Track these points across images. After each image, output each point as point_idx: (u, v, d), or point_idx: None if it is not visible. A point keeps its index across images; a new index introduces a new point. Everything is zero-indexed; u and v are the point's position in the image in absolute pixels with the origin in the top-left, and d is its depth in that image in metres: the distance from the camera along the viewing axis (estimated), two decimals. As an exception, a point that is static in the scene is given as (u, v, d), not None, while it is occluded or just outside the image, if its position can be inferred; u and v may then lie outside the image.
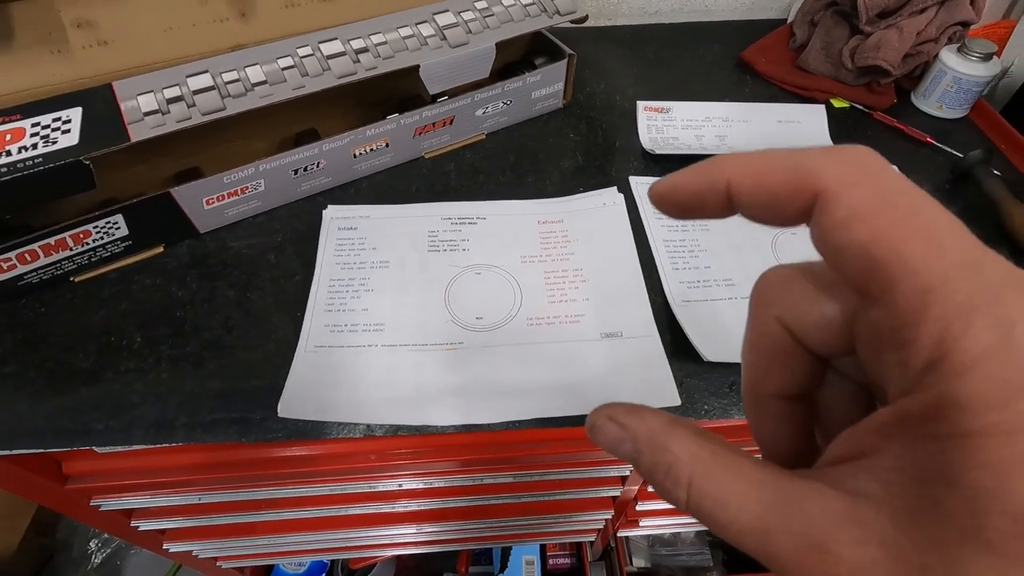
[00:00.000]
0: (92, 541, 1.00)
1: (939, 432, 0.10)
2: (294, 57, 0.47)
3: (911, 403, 0.11)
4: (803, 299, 0.14)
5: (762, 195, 0.13)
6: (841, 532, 0.11)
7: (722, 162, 0.14)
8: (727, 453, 0.13)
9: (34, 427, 0.39)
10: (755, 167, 0.13)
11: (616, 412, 0.15)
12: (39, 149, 0.39)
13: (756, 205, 0.13)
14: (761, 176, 0.13)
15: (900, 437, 0.11)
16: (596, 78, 0.66)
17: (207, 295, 0.46)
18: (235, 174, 0.47)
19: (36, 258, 0.43)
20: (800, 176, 0.12)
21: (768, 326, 0.14)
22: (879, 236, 0.11)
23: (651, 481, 0.13)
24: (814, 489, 0.12)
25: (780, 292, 0.14)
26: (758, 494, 0.12)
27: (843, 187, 0.12)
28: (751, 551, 0.12)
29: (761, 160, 0.13)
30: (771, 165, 0.13)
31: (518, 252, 0.49)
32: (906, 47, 0.59)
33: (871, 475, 0.11)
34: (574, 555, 0.90)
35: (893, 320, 0.11)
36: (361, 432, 0.39)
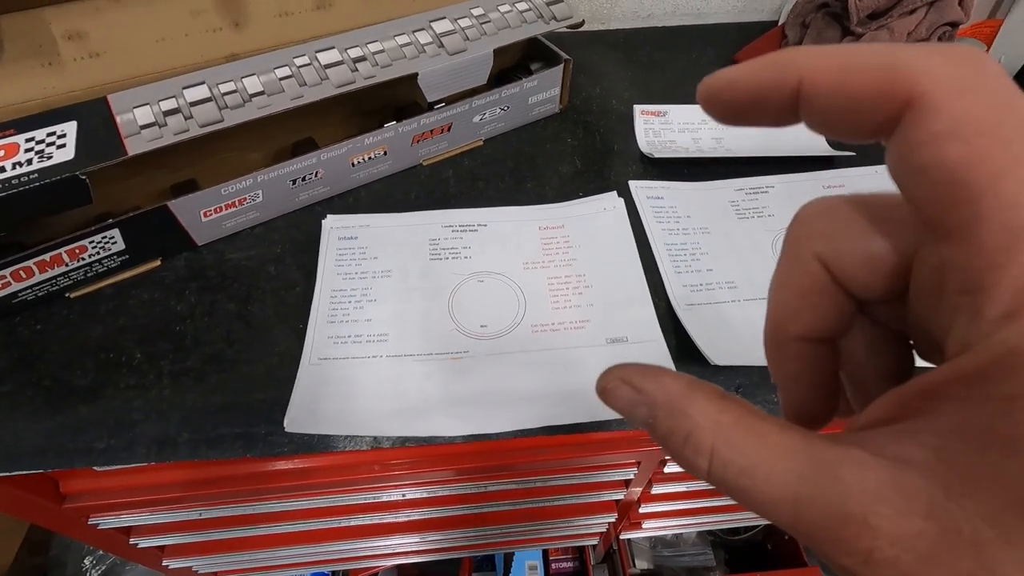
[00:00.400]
0: (87, 559, 0.98)
1: (1008, 392, 0.09)
2: (291, 67, 0.46)
3: (976, 358, 0.10)
4: (849, 233, 0.12)
5: (840, 98, 0.11)
6: (882, 503, 0.10)
7: (794, 56, 0.11)
8: (752, 418, 0.12)
9: (34, 447, 0.38)
10: (838, 62, 0.11)
11: (630, 374, 0.13)
12: (34, 165, 0.38)
13: (831, 111, 0.11)
14: (844, 73, 0.11)
15: (958, 397, 0.10)
16: (591, 82, 0.66)
17: (207, 309, 0.45)
18: (233, 185, 0.46)
19: (31, 275, 0.42)
20: (895, 76, 0.10)
21: (804, 262, 0.13)
22: (979, 159, 0.09)
23: (668, 449, 0.12)
24: (851, 456, 0.10)
25: (823, 224, 0.13)
26: (788, 462, 0.11)
27: (947, 95, 0.10)
28: (780, 523, 0.11)
29: (844, 54, 0.11)
30: (857, 60, 0.11)
31: (520, 259, 0.48)
32: (897, 48, 0.60)
33: (918, 440, 0.10)
34: (577, 559, 0.90)
35: (971, 260, 0.10)
36: (368, 444, 0.39)
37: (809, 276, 0.13)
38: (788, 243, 0.14)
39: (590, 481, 0.56)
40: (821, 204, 0.13)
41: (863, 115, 0.11)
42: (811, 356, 0.14)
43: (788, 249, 0.14)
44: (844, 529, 0.10)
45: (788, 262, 0.14)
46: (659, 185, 0.54)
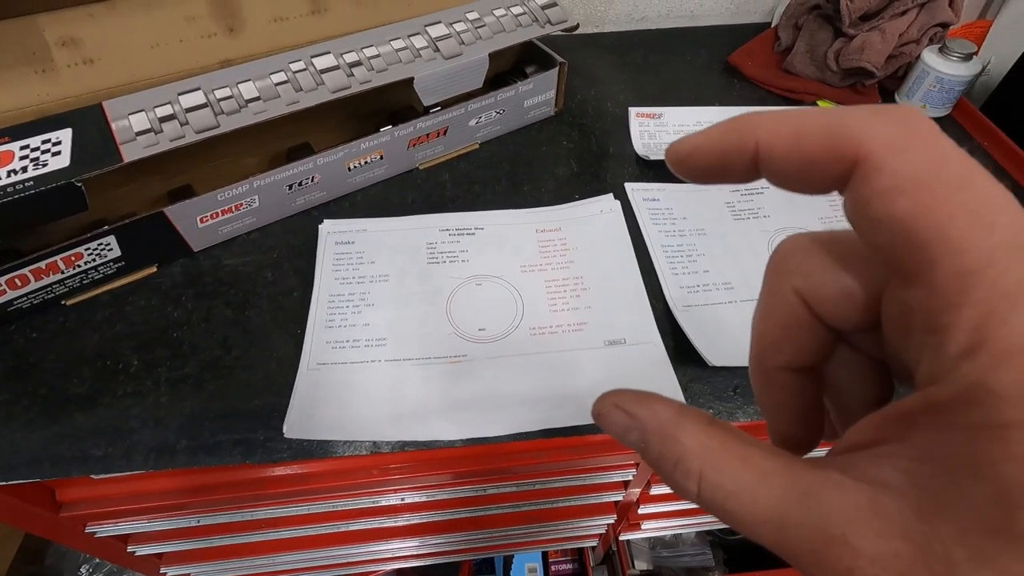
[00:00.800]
0: (83, 567, 0.97)
1: (971, 422, 0.10)
2: (287, 72, 0.46)
3: (942, 390, 0.10)
4: (824, 270, 0.13)
5: (795, 160, 0.12)
6: (861, 524, 0.10)
7: (750, 122, 0.12)
8: (738, 443, 0.12)
9: (30, 456, 0.38)
10: (789, 127, 0.12)
11: (623, 400, 0.14)
12: (29, 172, 0.38)
13: (787, 171, 0.12)
14: (796, 138, 0.12)
15: (928, 425, 0.11)
16: (586, 85, 0.67)
17: (204, 315, 0.45)
18: (229, 191, 0.46)
19: (27, 283, 0.42)
20: (841, 139, 0.11)
21: (784, 296, 0.14)
22: (924, 210, 0.10)
23: (659, 472, 0.13)
24: (831, 479, 0.11)
25: (800, 261, 0.14)
26: (772, 485, 0.11)
27: (889, 153, 0.11)
28: (767, 543, 0.11)
29: (795, 120, 0.12)
30: (807, 126, 0.12)
31: (518, 262, 0.48)
32: (889, 48, 0.61)
33: (893, 464, 0.11)
34: (576, 560, 0.90)
35: (930, 301, 0.10)
36: (367, 449, 0.39)
37: (788, 309, 0.14)
38: (768, 277, 0.15)
39: (589, 483, 0.56)
40: (797, 241, 0.14)
41: (816, 174, 0.12)
42: (794, 384, 0.15)
43: (768, 282, 0.15)
44: (826, 550, 0.10)
45: (768, 295, 0.15)
46: (655, 187, 0.54)
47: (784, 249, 0.14)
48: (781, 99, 0.65)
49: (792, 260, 0.14)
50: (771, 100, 0.65)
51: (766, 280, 0.15)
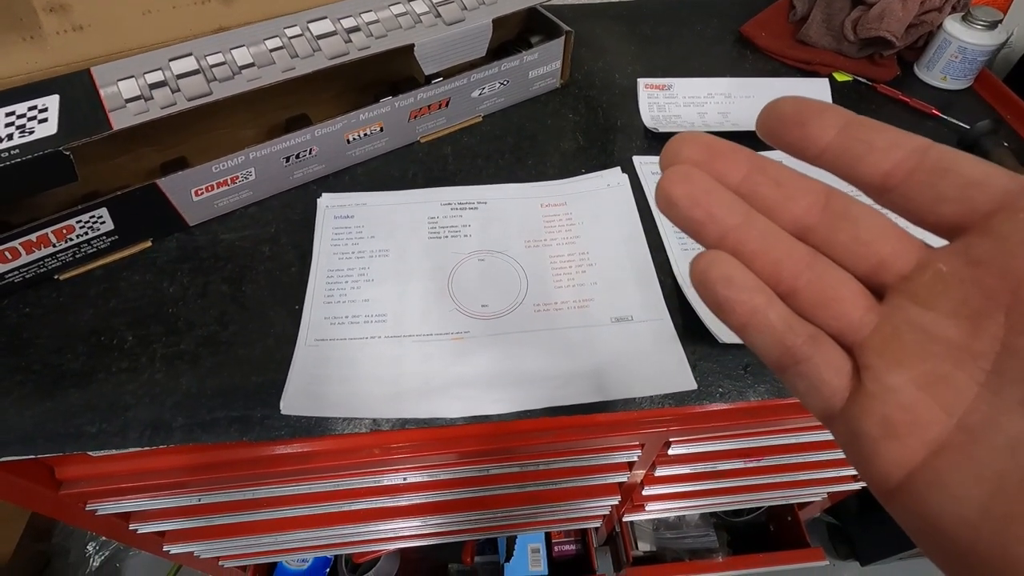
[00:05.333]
0: (89, 544, 0.98)
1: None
2: (282, 38, 0.45)
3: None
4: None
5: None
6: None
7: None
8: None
9: (24, 433, 0.37)
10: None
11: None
12: (15, 140, 0.37)
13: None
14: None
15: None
16: (593, 56, 0.64)
17: (200, 290, 0.44)
18: (224, 163, 0.45)
19: (17, 256, 0.41)
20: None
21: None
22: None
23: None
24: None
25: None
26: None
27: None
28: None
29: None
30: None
31: (522, 237, 0.47)
32: (910, 17, 0.58)
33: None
34: (579, 541, 0.90)
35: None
36: (367, 427, 0.38)
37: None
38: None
39: (593, 463, 0.55)
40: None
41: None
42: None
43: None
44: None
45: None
46: (664, 161, 0.53)
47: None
48: (795, 71, 0.63)
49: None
50: (784, 71, 0.63)
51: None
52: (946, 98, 0.60)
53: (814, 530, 1.01)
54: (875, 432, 0.13)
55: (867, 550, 0.97)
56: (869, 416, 0.13)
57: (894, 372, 0.13)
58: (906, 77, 0.63)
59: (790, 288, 0.14)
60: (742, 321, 0.14)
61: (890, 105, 0.60)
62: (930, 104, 0.58)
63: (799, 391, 0.15)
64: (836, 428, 0.14)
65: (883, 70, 0.62)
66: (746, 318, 0.14)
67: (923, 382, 0.13)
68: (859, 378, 0.14)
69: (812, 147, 0.14)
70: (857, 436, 0.13)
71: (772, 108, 0.15)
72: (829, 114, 0.14)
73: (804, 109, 0.14)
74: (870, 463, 0.13)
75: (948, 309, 0.13)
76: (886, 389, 0.13)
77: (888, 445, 0.13)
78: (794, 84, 0.60)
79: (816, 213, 0.14)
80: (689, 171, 0.15)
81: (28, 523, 0.92)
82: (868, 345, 0.14)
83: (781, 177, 0.15)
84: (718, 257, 0.14)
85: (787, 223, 0.15)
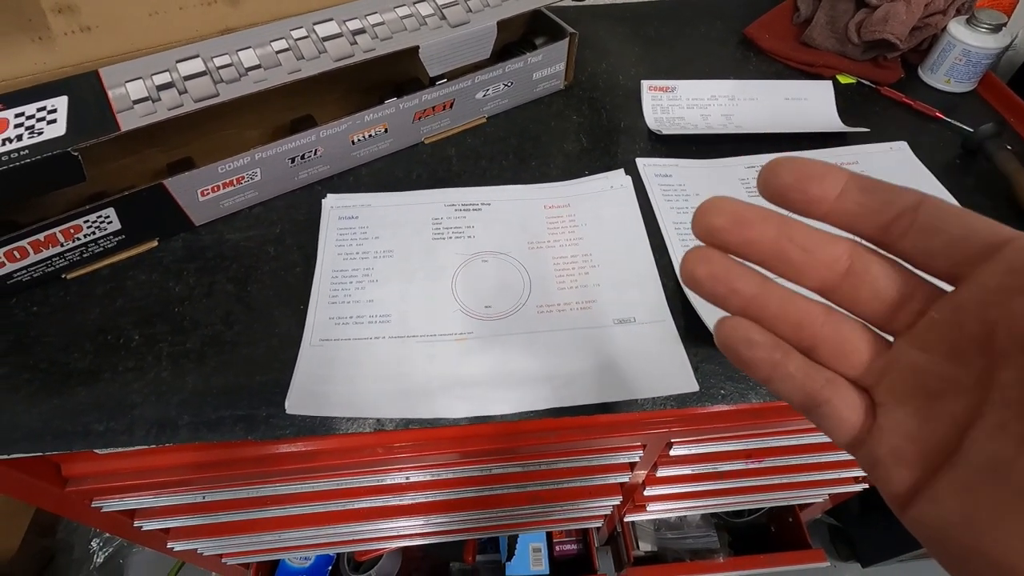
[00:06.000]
0: (93, 540, 0.99)
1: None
2: (288, 40, 0.45)
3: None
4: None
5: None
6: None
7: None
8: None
9: (31, 430, 0.37)
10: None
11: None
12: (24, 141, 0.37)
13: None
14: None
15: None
16: (597, 58, 0.64)
17: (205, 290, 0.44)
18: (230, 163, 0.45)
19: (25, 255, 0.41)
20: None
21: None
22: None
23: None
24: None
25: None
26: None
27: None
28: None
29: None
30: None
31: (525, 238, 0.47)
32: (914, 20, 0.58)
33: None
34: (580, 541, 0.90)
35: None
36: (371, 427, 0.38)
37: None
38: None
39: (595, 464, 0.55)
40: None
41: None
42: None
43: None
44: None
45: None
46: (667, 163, 0.53)
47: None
48: (799, 73, 0.63)
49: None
50: (788, 74, 0.63)
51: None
52: (950, 101, 0.60)
53: (815, 531, 1.01)
54: (888, 460, 0.15)
55: (868, 552, 0.97)
56: (882, 446, 0.15)
57: (900, 408, 0.15)
58: (910, 80, 0.63)
59: (810, 344, 0.16)
60: (766, 375, 0.16)
61: (893, 108, 0.60)
62: (934, 107, 0.58)
63: (824, 428, 0.17)
64: (858, 456, 0.16)
65: (887, 73, 0.62)
66: (768, 372, 0.16)
67: (924, 415, 0.15)
68: (873, 414, 0.16)
69: (818, 209, 0.16)
70: (875, 463, 0.16)
71: (772, 172, 0.16)
72: (830, 177, 0.16)
73: (805, 173, 0.16)
74: (887, 485, 0.15)
75: (942, 351, 0.15)
76: (895, 423, 0.15)
77: (899, 470, 0.15)
78: (798, 87, 0.60)
79: (840, 273, 0.16)
80: (708, 253, 0.17)
81: (33, 519, 0.92)
82: (880, 386, 0.16)
83: (808, 243, 0.16)
84: (738, 323, 0.16)
85: (814, 283, 0.16)
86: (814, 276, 0.16)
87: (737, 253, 0.16)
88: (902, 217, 0.15)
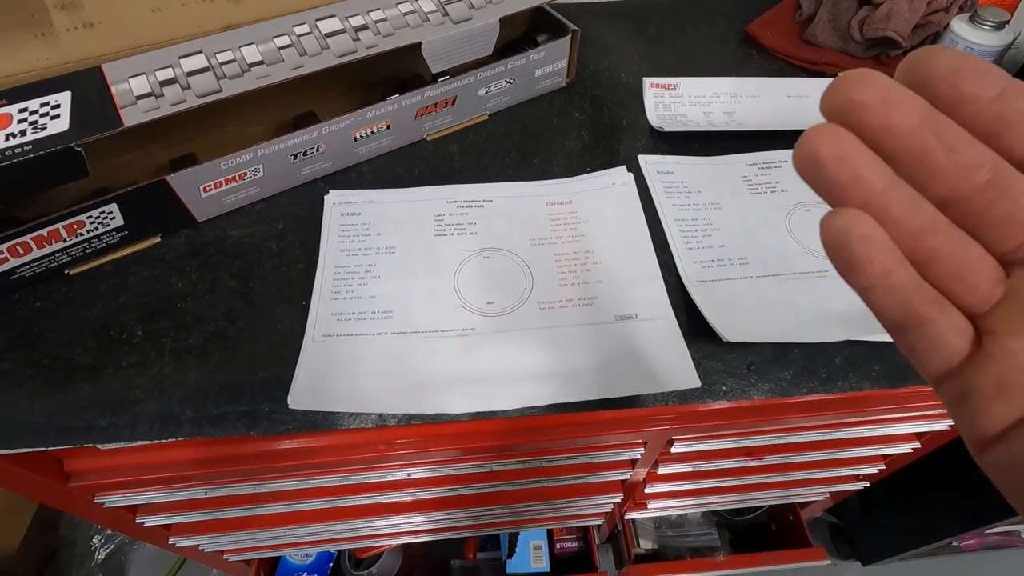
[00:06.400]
0: (95, 537, 0.99)
1: None
2: (291, 36, 0.45)
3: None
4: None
5: None
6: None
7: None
8: None
9: (34, 425, 0.37)
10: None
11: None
12: (27, 136, 0.37)
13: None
14: None
15: None
16: (599, 55, 0.64)
17: (208, 286, 0.44)
18: (233, 159, 0.45)
19: (28, 251, 0.41)
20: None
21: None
22: None
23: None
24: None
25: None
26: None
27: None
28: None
29: None
30: None
31: (527, 235, 0.47)
32: (916, 17, 0.58)
33: None
34: (581, 539, 0.90)
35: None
36: (373, 422, 0.38)
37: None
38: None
39: (596, 461, 0.55)
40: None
41: None
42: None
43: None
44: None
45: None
46: (669, 160, 0.53)
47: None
48: (801, 71, 0.63)
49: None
50: (790, 71, 0.63)
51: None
52: (952, 99, 0.60)
53: (816, 529, 1.01)
54: (988, 390, 0.14)
55: (868, 550, 0.97)
56: (985, 375, 0.14)
57: (1015, 339, 0.14)
58: (912, 77, 0.62)
59: (926, 257, 0.15)
60: (871, 281, 0.15)
61: (896, 105, 0.59)
62: (936, 105, 0.58)
63: (917, 351, 0.15)
64: (946, 387, 0.15)
65: (890, 70, 0.61)
66: (876, 279, 0.15)
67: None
68: (978, 343, 0.15)
69: (963, 110, 0.14)
70: (968, 394, 0.15)
71: (924, 58, 0.14)
72: (988, 77, 0.14)
73: (962, 66, 0.14)
74: (976, 416, 0.15)
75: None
76: (1006, 352, 0.14)
77: (998, 402, 0.14)
78: (801, 84, 0.60)
79: (978, 185, 0.14)
80: (839, 131, 0.14)
81: (35, 515, 0.93)
82: (994, 314, 0.15)
83: (954, 142, 0.14)
84: (857, 216, 0.14)
85: (947, 189, 0.14)
86: (948, 182, 0.14)
87: (870, 139, 0.14)
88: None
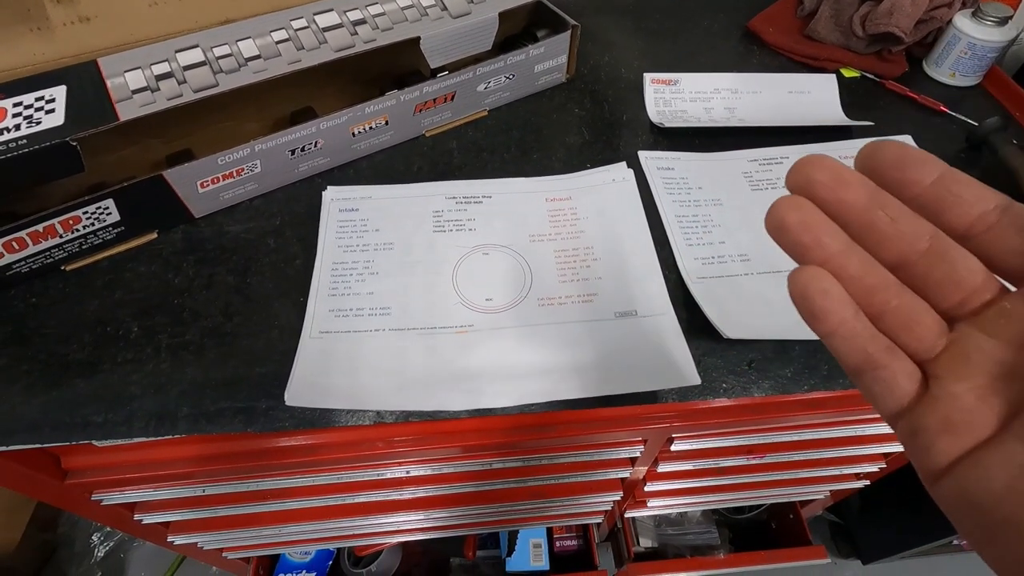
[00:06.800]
0: (95, 535, 0.99)
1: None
2: (288, 30, 0.45)
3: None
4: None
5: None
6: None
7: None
8: None
9: (30, 421, 0.37)
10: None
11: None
12: (22, 130, 0.37)
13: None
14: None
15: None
16: (599, 51, 0.64)
17: (205, 282, 0.44)
18: (230, 155, 0.45)
19: (24, 246, 0.41)
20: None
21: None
22: None
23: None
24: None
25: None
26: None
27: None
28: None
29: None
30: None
31: (526, 231, 0.47)
32: (919, 13, 0.58)
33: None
34: (581, 537, 0.90)
35: None
36: (371, 419, 0.38)
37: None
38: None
39: (596, 459, 0.55)
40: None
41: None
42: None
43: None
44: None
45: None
46: (670, 156, 0.52)
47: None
48: (802, 66, 0.63)
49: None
50: (791, 67, 0.63)
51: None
52: (955, 95, 0.60)
53: (816, 528, 1.01)
54: (935, 428, 0.16)
55: (869, 549, 0.97)
56: (932, 415, 0.16)
57: (957, 383, 0.16)
58: (914, 73, 0.62)
59: (879, 310, 0.17)
60: (831, 328, 0.17)
61: (898, 102, 0.59)
62: (939, 101, 0.57)
63: (873, 392, 0.17)
64: (899, 424, 0.17)
65: (891, 66, 0.61)
66: (835, 326, 0.17)
67: (979, 393, 0.16)
68: (926, 386, 0.17)
69: (908, 191, 0.17)
70: (918, 431, 0.16)
71: (875, 149, 0.17)
72: (929, 164, 0.16)
73: (906, 156, 0.17)
74: (926, 452, 0.16)
75: (1006, 338, 0.16)
76: (950, 395, 0.16)
77: (944, 438, 0.16)
78: (802, 80, 0.60)
79: (919, 251, 0.17)
80: (802, 202, 0.17)
81: (33, 513, 0.93)
82: (939, 361, 0.17)
83: (897, 215, 0.17)
84: (818, 272, 0.17)
85: (893, 255, 0.17)
86: (894, 248, 0.17)
87: (827, 211, 0.17)
88: (989, 214, 0.16)
